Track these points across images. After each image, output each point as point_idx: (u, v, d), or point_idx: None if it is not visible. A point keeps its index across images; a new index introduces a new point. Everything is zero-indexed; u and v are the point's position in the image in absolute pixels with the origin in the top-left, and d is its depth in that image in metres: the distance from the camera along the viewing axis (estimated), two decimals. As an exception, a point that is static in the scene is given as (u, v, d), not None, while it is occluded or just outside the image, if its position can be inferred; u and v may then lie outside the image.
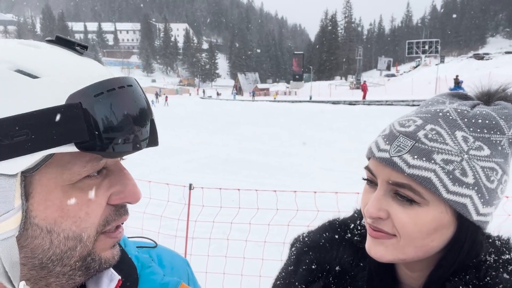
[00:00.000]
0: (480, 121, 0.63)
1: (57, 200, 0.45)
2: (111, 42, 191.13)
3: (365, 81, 43.58)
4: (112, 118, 0.44)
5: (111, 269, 0.58)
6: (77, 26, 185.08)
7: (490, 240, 0.68)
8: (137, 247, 0.70)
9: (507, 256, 0.65)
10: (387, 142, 0.66)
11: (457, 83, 20.26)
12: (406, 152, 0.62)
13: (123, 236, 0.65)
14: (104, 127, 0.43)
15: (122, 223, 0.55)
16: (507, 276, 0.61)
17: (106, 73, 0.49)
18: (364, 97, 32.29)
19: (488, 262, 0.64)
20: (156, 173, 7.40)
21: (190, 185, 3.24)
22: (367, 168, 0.71)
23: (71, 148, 0.43)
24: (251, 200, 3.87)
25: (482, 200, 0.62)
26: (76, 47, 0.50)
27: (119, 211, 0.53)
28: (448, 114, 0.65)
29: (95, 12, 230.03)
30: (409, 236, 0.63)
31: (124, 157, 0.54)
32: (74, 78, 0.45)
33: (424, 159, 0.61)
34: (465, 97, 0.71)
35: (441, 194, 0.61)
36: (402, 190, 0.63)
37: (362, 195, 0.73)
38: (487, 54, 75.66)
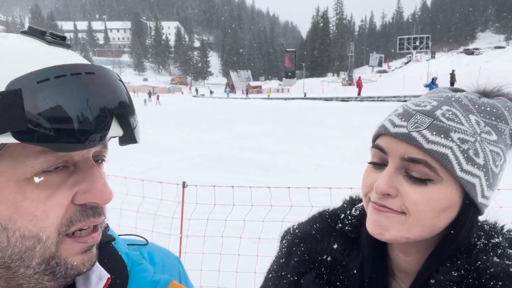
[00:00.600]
0: (488, 108, 0.66)
1: (10, 195, 0.43)
2: (101, 41, 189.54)
3: (360, 77, 43.67)
4: (56, 107, 0.40)
5: (100, 267, 0.56)
6: (67, 25, 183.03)
7: (479, 224, 0.69)
8: (127, 244, 0.68)
9: (496, 240, 0.66)
10: (403, 119, 0.66)
11: (432, 79, 20.79)
12: (425, 128, 0.63)
13: (112, 232, 0.65)
14: (45, 117, 0.40)
15: (101, 227, 0.52)
16: (497, 260, 0.62)
17: (67, 60, 0.45)
18: (359, 93, 32.25)
19: (478, 247, 0.65)
20: (150, 172, 7.38)
21: (184, 183, 3.22)
22: (376, 146, 0.69)
23: (8, 138, 0.40)
24: (245, 197, 3.87)
25: (487, 182, 0.65)
26: (47, 37, 0.47)
27: (86, 211, 0.49)
28: (460, 99, 0.67)
29: (85, 10, 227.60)
30: (420, 215, 0.63)
31: (105, 155, 0.52)
32: (19, 64, 0.42)
33: (442, 136, 0.62)
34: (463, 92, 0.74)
35: (455, 172, 0.62)
36: (416, 166, 0.63)
37: (364, 176, 0.72)
38: (477, 49, 76.33)
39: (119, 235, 0.69)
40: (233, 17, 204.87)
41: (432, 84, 20.38)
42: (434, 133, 0.62)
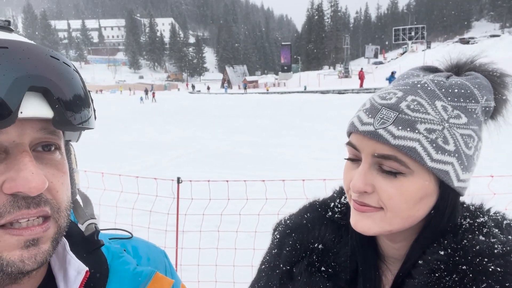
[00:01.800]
0: (456, 90, 0.65)
1: None
2: (96, 40, 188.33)
3: (362, 68, 43.30)
4: None
5: (78, 261, 0.55)
6: (60, 24, 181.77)
7: (465, 205, 0.71)
8: (110, 238, 0.68)
9: (482, 219, 0.67)
10: (369, 116, 0.66)
11: (392, 73, 21.41)
12: (391, 124, 0.63)
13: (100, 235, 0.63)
14: None
15: (55, 221, 0.49)
16: (483, 238, 0.63)
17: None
18: (361, 85, 32.02)
19: (464, 226, 0.66)
20: (145, 169, 7.36)
21: (178, 178, 3.21)
22: (349, 143, 0.70)
23: None
24: (240, 191, 3.87)
25: (462, 166, 0.65)
26: None
27: (18, 202, 0.45)
28: (426, 85, 0.66)
29: (78, 9, 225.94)
30: (396, 208, 0.64)
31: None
32: None
33: (408, 129, 0.62)
34: (435, 70, 0.73)
35: (425, 163, 0.62)
36: (387, 162, 0.64)
37: (344, 173, 0.73)
38: (473, 38, 76.14)
39: (101, 229, 0.67)
40: (227, 12, 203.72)
41: (391, 78, 21.16)
42: (400, 127, 0.62)
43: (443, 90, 0.65)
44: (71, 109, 0.47)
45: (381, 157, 0.64)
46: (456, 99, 0.64)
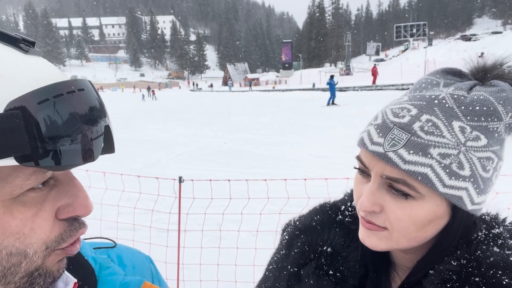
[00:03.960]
0: (477, 108, 0.60)
1: None
2: (97, 38, 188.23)
3: (375, 64, 42.63)
4: (59, 128, 0.39)
5: (66, 273, 0.55)
6: (61, 22, 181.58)
7: (482, 217, 0.68)
8: (94, 248, 0.67)
9: (497, 230, 0.65)
10: (380, 134, 0.62)
11: (331, 76, 21.63)
12: (402, 147, 0.59)
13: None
14: (49, 139, 0.39)
15: (79, 237, 0.51)
16: (497, 250, 0.61)
17: (53, 75, 0.44)
18: (374, 81, 31.42)
19: (479, 237, 0.64)
20: (147, 168, 7.36)
21: (180, 178, 3.21)
22: (358, 158, 0.68)
23: (10, 161, 0.38)
24: (242, 190, 3.87)
25: (477, 190, 0.61)
26: (21, 44, 0.44)
27: (73, 225, 0.48)
28: (444, 101, 0.61)
29: (79, 7, 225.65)
30: (403, 230, 0.63)
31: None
32: (15, 82, 0.39)
33: (420, 154, 0.58)
34: (459, 74, 0.68)
35: (437, 189, 0.59)
36: (396, 184, 0.61)
37: (355, 186, 0.71)
38: (474, 35, 75.96)
39: (84, 239, 0.67)
40: (228, 9, 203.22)
41: (331, 80, 20.90)
42: (411, 151, 0.58)
43: (463, 108, 0.60)
44: (114, 136, 0.50)
45: (390, 179, 0.62)
46: (476, 118, 0.60)
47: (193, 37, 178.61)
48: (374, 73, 31.06)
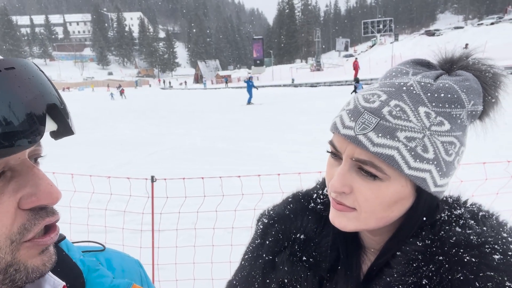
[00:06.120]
0: (442, 95, 0.63)
1: None
2: (61, 35, 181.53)
3: (356, 58, 42.72)
4: None
5: (54, 276, 0.53)
6: (22, 19, 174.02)
7: (444, 199, 0.72)
8: (83, 251, 0.66)
9: (459, 211, 0.68)
10: (352, 119, 0.65)
11: (249, 78, 23.18)
12: (371, 130, 0.62)
13: (66, 240, 0.62)
14: None
15: (55, 227, 0.49)
16: (459, 229, 0.64)
17: None
18: (355, 75, 31.41)
19: (442, 219, 0.68)
20: (118, 168, 7.19)
21: (152, 177, 3.15)
22: (331, 143, 0.71)
23: None
24: (216, 188, 3.85)
25: (440, 173, 0.65)
26: None
27: (38, 213, 0.46)
28: (412, 88, 0.65)
29: (41, 3, 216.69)
30: (371, 209, 0.66)
31: (39, 155, 0.49)
32: None
33: (388, 137, 0.62)
34: (427, 64, 0.72)
35: (402, 171, 0.62)
36: (365, 166, 0.64)
37: (327, 169, 0.74)
38: (438, 30, 78.52)
39: (73, 243, 0.67)
40: (197, 5, 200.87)
41: (249, 82, 22.36)
42: (380, 134, 0.62)
43: (429, 94, 0.64)
44: (70, 117, 0.48)
45: (359, 161, 0.65)
46: (441, 105, 0.63)
47: (162, 34, 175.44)
48: (356, 67, 31.18)
